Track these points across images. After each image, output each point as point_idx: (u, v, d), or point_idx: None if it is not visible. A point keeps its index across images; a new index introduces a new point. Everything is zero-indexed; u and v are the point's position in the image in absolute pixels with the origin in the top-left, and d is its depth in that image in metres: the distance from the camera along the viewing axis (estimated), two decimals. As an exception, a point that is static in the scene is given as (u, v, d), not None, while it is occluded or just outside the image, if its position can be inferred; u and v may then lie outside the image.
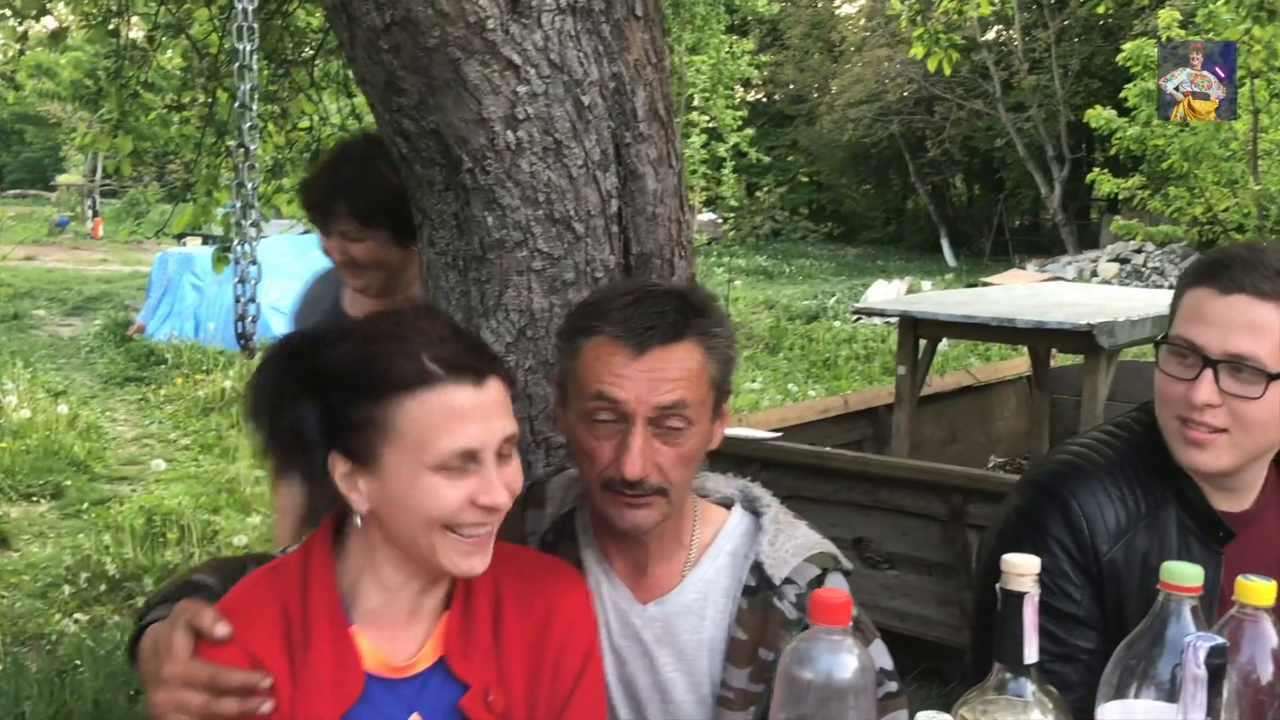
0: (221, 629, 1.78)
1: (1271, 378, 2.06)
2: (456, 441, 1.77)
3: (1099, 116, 14.88)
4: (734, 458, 4.85)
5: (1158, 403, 2.20)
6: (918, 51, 7.33)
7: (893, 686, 2.06)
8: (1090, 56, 28.10)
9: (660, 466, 1.95)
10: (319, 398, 1.85)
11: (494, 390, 1.83)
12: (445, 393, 1.79)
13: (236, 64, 2.24)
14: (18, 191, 48.18)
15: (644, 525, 1.99)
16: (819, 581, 2.05)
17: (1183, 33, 13.79)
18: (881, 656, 2.06)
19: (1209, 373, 2.07)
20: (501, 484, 1.80)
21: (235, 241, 2.19)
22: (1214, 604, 2.15)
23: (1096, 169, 17.11)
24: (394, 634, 1.88)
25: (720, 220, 27.86)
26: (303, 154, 6.81)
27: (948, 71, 7.36)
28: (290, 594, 1.84)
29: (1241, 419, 2.09)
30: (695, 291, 2.07)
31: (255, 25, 2.20)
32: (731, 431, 3.24)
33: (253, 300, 2.23)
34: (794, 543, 2.08)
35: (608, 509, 2.00)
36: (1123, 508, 2.20)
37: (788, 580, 2.04)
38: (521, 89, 2.53)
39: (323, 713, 1.79)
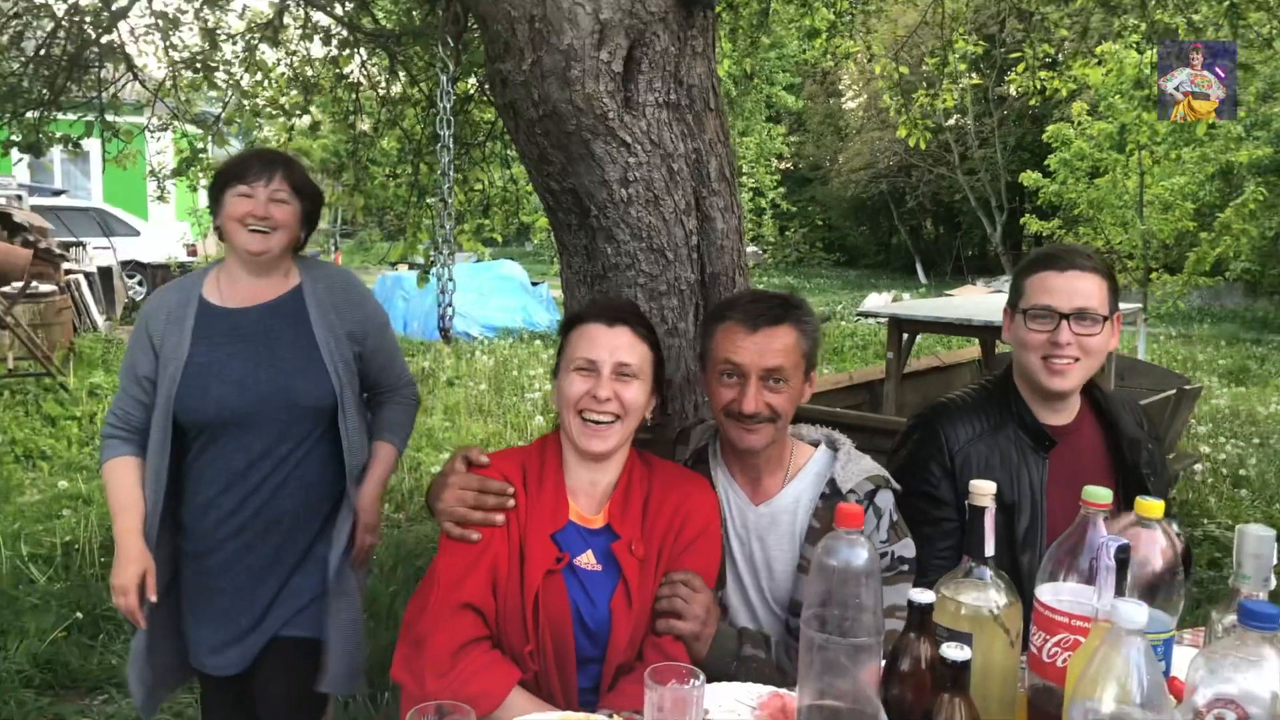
0: (484, 458, 2.04)
1: (1104, 319, 2.23)
2: (583, 351, 2.02)
3: (1029, 178, 14.53)
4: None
5: (1022, 350, 2.30)
6: (901, 132, 7.23)
7: (905, 569, 2.09)
8: (1023, 135, 27.48)
9: (770, 405, 2.04)
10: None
11: (620, 331, 2.02)
12: (589, 326, 2.05)
13: (439, 144, 2.26)
14: (285, 234, 48.89)
15: (756, 446, 2.08)
16: (873, 493, 2.09)
17: (1089, 119, 13.41)
18: (906, 549, 2.10)
19: (1065, 323, 2.22)
20: (610, 389, 1.98)
21: (438, 265, 2.22)
22: (1042, 496, 2.26)
23: (1027, 214, 16.74)
24: (585, 498, 2.05)
25: (761, 251, 27.78)
26: (477, 206, 6.87)
27: (923, 146, 7.23)
28: (530, 458, 2.06)
29: (1087, 349, 2.23)
30: (794, 296, 2.14)
31: (452, 118, 2.22)
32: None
33: (450, 305, 2.27)
34: (859, 466, 2.13)
35: (731, 433, 2.09)
36: (969, 426, 2.31)
37: (851, 490, 2.08)
38: (631, 159, 2.54)
39: (541, 529, 1.97)
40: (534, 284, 17.60)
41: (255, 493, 2.61)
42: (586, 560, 2.00)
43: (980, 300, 8.70)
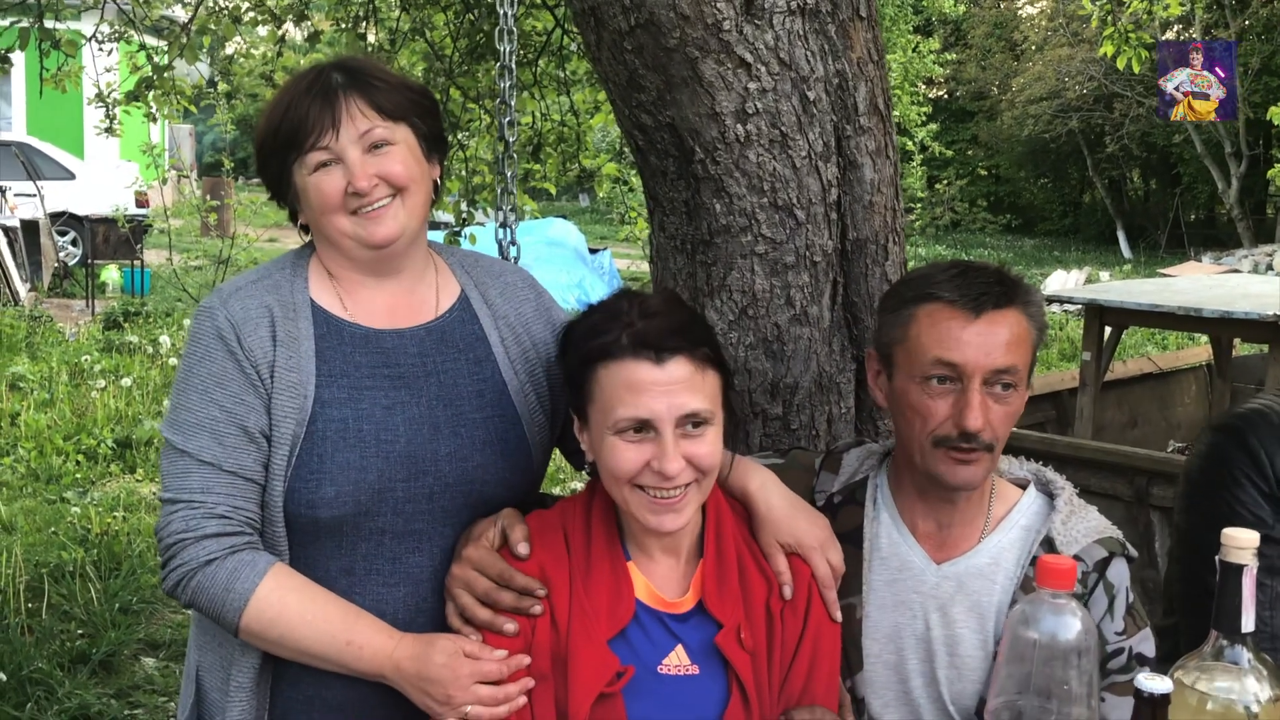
0: (523, 549, 1.94)
1: None
2: (629, 410, 1.85)
3: (1281, 113, 14.24)
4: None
5: None
6: (1107, 50, 7.12)
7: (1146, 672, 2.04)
8: (1271, 55, 26.91)
9: (991, 423, 1.97)
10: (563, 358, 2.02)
11: (676, 369, 1.86)
12: (626, 366, 1.86)
13: (498, 64, 2.29)
14: (262, 180, 49.76)
15: (973, 481, 2.02)
16: (1105, 563, 2.05)
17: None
18: (1145, 644, 2.05)
19: None
20: (678, 454, 1.84)
21: (497, 224, 2.25)
22: None
23: (1277, 164, 16.39)
24: (661, 571, 1.97)
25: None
26: (525, 147, 6.93)
27: (1137, 69, 7.12)
28: (573, 524, 1.97)
29: None
30: (1006, 268, 2.09)
31: (515, 29, 2.25)
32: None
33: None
34: (1086, 524, 2.09)
35: (938, 466, 2.01)
36: None
37: (1076, 558, 2.02)
38: (752, 85, 2.55)
39: (596, 632, 1.89)
40: (593, 251, 17.71)
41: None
42: (675, 663, 1.93)
43: (1210, 282, 8.55)
